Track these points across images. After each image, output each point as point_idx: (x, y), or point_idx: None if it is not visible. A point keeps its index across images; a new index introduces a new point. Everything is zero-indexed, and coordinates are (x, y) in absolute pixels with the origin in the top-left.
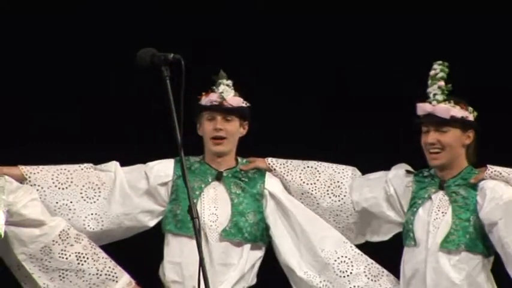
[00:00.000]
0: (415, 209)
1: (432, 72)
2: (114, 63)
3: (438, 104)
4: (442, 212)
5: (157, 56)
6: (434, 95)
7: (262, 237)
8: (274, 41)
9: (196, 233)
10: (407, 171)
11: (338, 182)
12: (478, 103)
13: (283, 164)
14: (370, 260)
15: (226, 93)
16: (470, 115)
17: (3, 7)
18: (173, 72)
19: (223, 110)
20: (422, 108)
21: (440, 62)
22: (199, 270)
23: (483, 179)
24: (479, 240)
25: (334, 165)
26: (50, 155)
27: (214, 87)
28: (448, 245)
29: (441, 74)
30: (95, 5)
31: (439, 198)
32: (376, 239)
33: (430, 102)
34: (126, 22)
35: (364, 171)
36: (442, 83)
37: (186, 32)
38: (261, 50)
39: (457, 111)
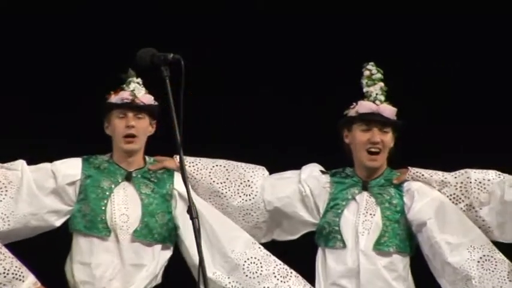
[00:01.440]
0: (339, 211)
1: (367, 73)
2: (114, 63)
3: (382, 104)
4: (371, 214)
5: (157, 56)
6: (377, 94)
7: (170, 237)
8: (274, 41)
9: (196, 233)
10: (322, 172)
11: (248, 181)
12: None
13: (192, 162)
14: (278, 261)
15: (138, 90)
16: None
17: (3, 7)
18: (173, 72)
19: (134, 107)
20: (367, 106)
21: (372, 63)
22: (199, 270)
23: (406, 180)
24: (407, 240)
25: (244, 164)
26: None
27: (124, 86)
28: (380, 247)
29: (378, 75)
30: (94, 5)
31: (365, 199)
32: (284, 238)
33: (374, 102)
34: (126, 22)
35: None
36: (382, 83)
37: (186, 32)
38: (261, 50)
39: (395, 113)
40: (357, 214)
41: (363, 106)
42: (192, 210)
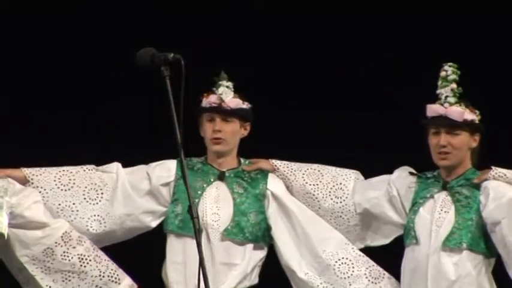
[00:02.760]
0: (416, 208)
1: (443, 74)
2: (114, 63)
3: (451, 107)
4: (445, 211)
5: (157, 55)
6: (446, 97)
7: (264, 237)
8: (274, 41)
9: (196, 232)
10: (411, 173)
11: (341, 184)
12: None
13: (287, 164)
14: (371, 262)
15: (225, 94)
16: (477, 118)
17: (3, 7)
18: (173, 72)
19: (221, 111)
20: (434, 110)
21: (450, 63)
22: (199, 270)
23: (486, 180)
24: (481, 239)
25: (337, 169)
26: (52, 158)
27: (214, 89)
28: (450, 244)
29: (453, 76)
30: (95, 5)
31: (442, 198)
32: (376, 242)
33: (442, 104)
34: (126, 22)
35: (366, 173)
36: (454, 85)
37: (186, 32)
38: (261, 50)
39: (468, 115)
40: (432, 211)
41: (431, 109)
42: (192, 210)
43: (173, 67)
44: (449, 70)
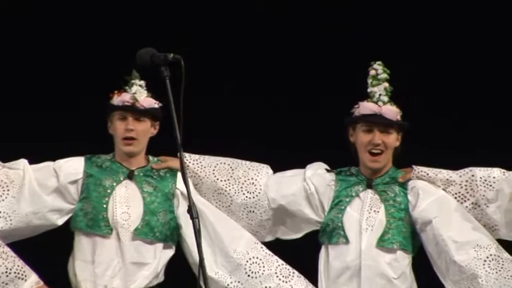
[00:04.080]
0: (342, 207)
1: (373, 72)
2: (114, 63)
3: (385, 105)
4: (375, 211)
5: (157, 55)
6: (380, 95)
7: (173, 236)
8: (274, 41)
9: (196, 232)
10: (327, 170)
11: (252, 179)
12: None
13: (197, 160)
14: (280, 261)
15: (139, 94)
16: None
17: (3, 7)
18: (173, 72)
19: (135, 111)
20: (368, 107)
21: (379, 62)
22: (199, 270)
23: (410, 179)
24: (410, 239)
25: (248, 163)
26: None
27: (126, 87)
28: (384, 244)
29: (384, 75)
30: (95, 5)
31: (370, 197)
32: (288, 236)
33: (376, 103)
34: (126, 22)
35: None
36: (386, 84)
37: (186, 32)
38: (261, 50)
39: (398, 114)
40: (361, 211)
41: (365, 107)
42: (192, 210)
43: (173, 67)
44: (379, 69)
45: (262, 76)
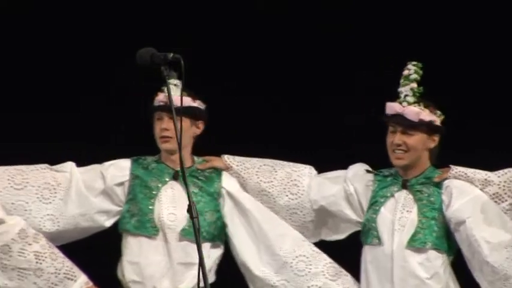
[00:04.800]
0: (376, 208)
1: (405, 72)
2: (114, 63)
3: (408, 106)
4: (407, 211)
5: (157, 55)
6: (406, 96)
7: (220, 236)
8: (274, 41)
9: (196, 232)
10: (367, 171)
11: (295, 180)
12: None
13: (240, 162)
14: (328, 259)
15: (173, 93)
16: (438, 119)
17: (3, 7)
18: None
19: (169, 109)
20: (392, 107)
21: (414, 62)
22: (198, 270)
23: (447, 179)
24: (444, 238)
25: (291, 164)
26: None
27: (163, 88)
28: (415, 244)
29: (414, 76)
30: (95, 4)
31: (403, 197)
32: (332, 237)
33: (401, 103)
34: (126, 22)
35: (320, 169)
36: (414, 84)
37: (186, 32)
38: (261, 50)
39: (426, 115)
40: (394, 211)
41: (390, 107)
42: (192, 210)
43: (173, 67)
44: (412, 69)
45: (262, 76)
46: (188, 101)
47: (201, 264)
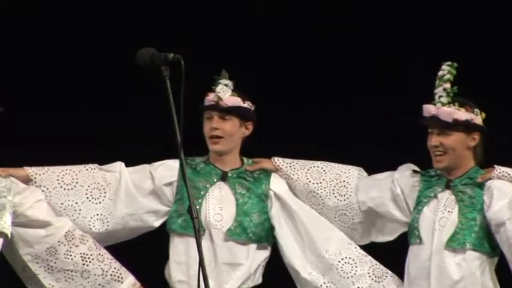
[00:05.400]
0: (420, 208)
1: (440, 73)
2: (114, 63)
3: (442, 107)
4: (448, 211)
5: (157, 55)
6: (440, 97)
7: (267, 237)
8: (274, 41)
9: (196, 232)
10: (414, 171)
11: (344, 181)
12: (486, 103)
13: (290, 163)
14: (374, 261)
15: (223, 92)
16: (476, 117)
17: (3, 7)
18: (173, 72)
19: (218, 109)
20: (427, 110)
21: (449, 62)
22: (198, 270)
23: (490, 179)
24: (485, 239)
25: (341, 166)
26: (53, 156)
27: (213, 87)
28: (453, 244)
29: (448, 76)
30: (95, 4)
31: (446, 197)
32: (381, 239)
33: (435, 104)
34: (126, 22)
35: (371, 171)
36: (447, 85)
37: (186, 32)
38: (261, 50)
39: (461, 114)
40: (436, 211)
41: (425, 109)
42: (192, 210)
43: (173, 67)
44: (445, 69)
45: (262, 76)
46: (238, 102)
47: (201, 264)
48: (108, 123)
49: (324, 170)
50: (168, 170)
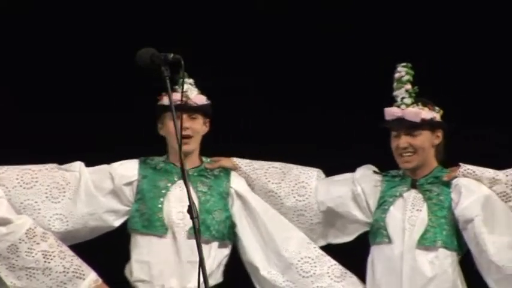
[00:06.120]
0: (386, 207)
1: (397, 75)
2: (114, 63)
3: (407, 108)
4: (417, 210)
5: (157, 56)
6: (402, 98)
7: (229, 235)
8: (274, 41)
9: (196, 232)
10: (375, 172)
11: (303, 182)
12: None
13: (249, 163)
14: (333, 261)
15: (191, 91)
16: (437, 115)
17: (3, 7)
18: (173, 72)
19: (188, 108)
20: (391, 112)
21: (404, 64)
22: (199, 270)
23: (456, 177)
24: (454, 237)
25: (300, 167)
26: (53, 157)
27: (176, 87)
28: (425, 242)
29: (407, 77)
30: (95, 4)
31: (413, 196)
32: (339, 240)
33: (399, 106)
34: (126, 22)
35: (328, 173)
36: (409, 86)
37: (186, 32)
38: (261, 50)
39: (426, 113)
40: (403, 210)
41: (388, 112)
42: (192, 210)
43: (173, 67)
44: (402, 71)
45: (262, 76)
46: (203, 99)
47: (201, 264)
48: (108, 123)
49: (283, 171)
50: (127, 170)
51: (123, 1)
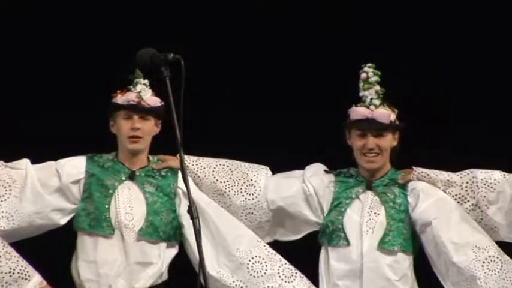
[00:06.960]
0: (342, 209)
1: (363, 76)
2: (114, 63)
3: (377, 109)
4: (375, 213)
5: (157, 56)
6: (372, 99)
7: (176, 235)
8: (274, 41)
9: (196, 233)
10: (326, 171)
11: (252, 180)
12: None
13: (196, 161)
14: (283, 261)
15: (144, 92)
16: (395, 117)
17: (3, 7)
18: (173, 72)
19: (140, 110)
20: (360, 113)
21: (369, 64)
22: (199, 270)
23: (410, 180)
24: (410, 240)
25: (247, 164)
26: (53, 157)
27: (130, 87)
28: (385, 246)
29: (375, 78)
30: (95, 4)
31: (370, 198)
32: (286, 238)
33: (368, 107)
34: (126, 22)
35: (276, 170)
36: (377, 87)
37: (186, 32)
38: (261, 50)
39: (392, 116)
40: (361, 213)
41: (357, 112)
42: (192, 210)
43: (173, 67)
44: (369, 71)
45: (262, 76)
46: (156, 101)
47: (201, 264)
48: (108, 123)
49: (231, 169)
50: (74, 167)
51: (123, 1)
